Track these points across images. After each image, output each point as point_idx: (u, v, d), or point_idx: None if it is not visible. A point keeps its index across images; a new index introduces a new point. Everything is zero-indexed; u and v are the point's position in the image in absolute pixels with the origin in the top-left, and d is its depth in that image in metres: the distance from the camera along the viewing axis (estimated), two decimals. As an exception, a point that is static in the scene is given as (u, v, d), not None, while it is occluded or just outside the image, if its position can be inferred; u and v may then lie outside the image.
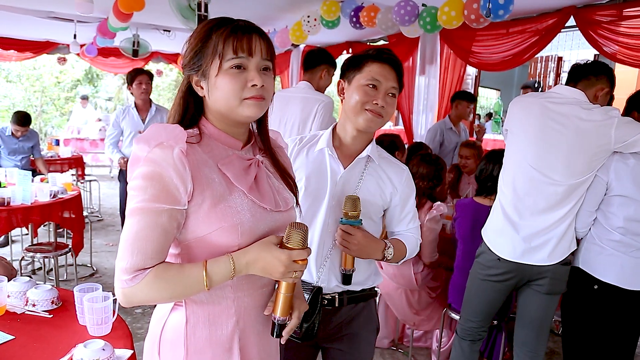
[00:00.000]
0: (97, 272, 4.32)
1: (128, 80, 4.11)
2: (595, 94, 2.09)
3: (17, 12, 5.21)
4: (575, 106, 2.04)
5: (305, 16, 4.44)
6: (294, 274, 1.02)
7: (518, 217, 2.13)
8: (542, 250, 2.09)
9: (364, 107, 1.42)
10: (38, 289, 1.64)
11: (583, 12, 3.54)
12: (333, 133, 1.53)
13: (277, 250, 1.00)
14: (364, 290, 1.55)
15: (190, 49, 1.05)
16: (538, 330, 2.20)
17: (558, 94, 2.12)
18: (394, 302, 2.97)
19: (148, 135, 0.99)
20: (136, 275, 0.95)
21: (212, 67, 1.01)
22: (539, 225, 2.09)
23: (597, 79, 2.09)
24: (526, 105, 2.18)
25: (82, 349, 1.27)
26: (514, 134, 2.19)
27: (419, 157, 2.94)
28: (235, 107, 1.02)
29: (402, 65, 1.51)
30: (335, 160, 1.49)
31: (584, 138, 2.00)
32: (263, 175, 1.11)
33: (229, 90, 1.01)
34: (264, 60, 1.04)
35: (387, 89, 1.43)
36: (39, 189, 3.51)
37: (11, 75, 13.42)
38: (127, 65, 8.42)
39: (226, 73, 1.01)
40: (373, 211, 1.51)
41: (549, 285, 2.13)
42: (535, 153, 2.09)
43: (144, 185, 0.96)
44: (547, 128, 2.06)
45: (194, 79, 1.06)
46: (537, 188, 2.09)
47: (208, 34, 1.02)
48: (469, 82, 6.85)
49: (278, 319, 1.09)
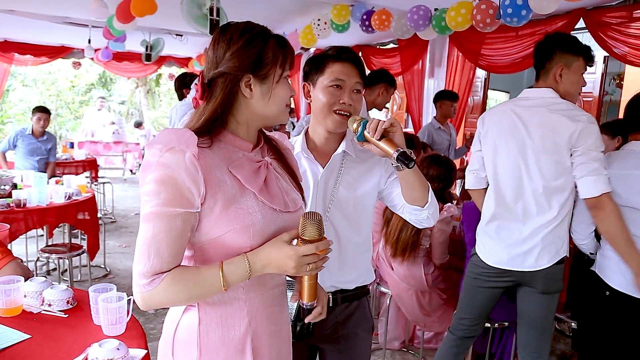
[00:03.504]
0: (110, 273, 4.38)
1: (185, 83, 4.19)
2: (554, 78, 2.04)
3: (33, 18, 5.32)
4: (541, 108, 2.01)
5: (315, 19, 4.46)
6: (308, 267, 1.02)
7: (499, 226, 2.12)
8: (528, 257, 2.05)
9: (332, 108, 1.43)
10: (54, 289, 1.67)
11: (593, 14, 3.52)
12: (307, 137, 1.55)
13: (285, 247, 1.01)
14: (356, 288, 1.56)
15: (244, 50, 1.04)
16: (539, 331, 2.16)
17: (526, 97, 2.10)
18: (404, 303, 2.97)
19: (159, 140, 1.00)
20: (154, 279, 0.97)
21: (274, 74, 1.07)
22: (522, 233, 2.06)
23: (551, 62, 2.04)
24: (495, 113, 2.17)
25: (97, 348, 1.29)
26: (487, 144, 2.17)
27: (429, 158, 2.94)
28: (281, 113, 1.11)
29: (362, 62, 1.52)
30: (312, 162, 1.51)
31: (547, 139, 1.97)
32: (272, 176, 1.12)
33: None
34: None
35: (352, 85, 1.44)
36: (54, 191, 3.58)
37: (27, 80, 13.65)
38: (139, 69, 8.53)
39: (284, 82, 1.10)
40: (360, 201, 1.51)
41: (543, 285, 2.09)
42: (510, 161, 2.07)
43: (157, 189, 0.98)
44: (516, 133, 2.04)
45: (244, 79, 1.06)
46: (515, 196, 2.07)
47: (263, 41, 1.06)
48: (479, 84, 6.82)
49: (305, 304, 1.13)
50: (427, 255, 2.88)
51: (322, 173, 1.49)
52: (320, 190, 1.49)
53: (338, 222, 1.49)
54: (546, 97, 2.03)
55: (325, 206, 1.48)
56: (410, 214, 1.48)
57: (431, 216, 1.46)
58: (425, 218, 1.46)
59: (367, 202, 1.53)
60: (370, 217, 1.58)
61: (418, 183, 1.39)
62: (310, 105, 1.52)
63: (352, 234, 1.52)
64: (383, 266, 2.98)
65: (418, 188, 1.40)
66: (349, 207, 1.50)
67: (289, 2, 4.44)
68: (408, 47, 5.12)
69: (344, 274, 1.53)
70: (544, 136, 1.98)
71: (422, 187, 1.40)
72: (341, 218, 1.50)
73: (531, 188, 2.02)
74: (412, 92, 5.45)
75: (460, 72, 4.91)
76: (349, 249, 1.52)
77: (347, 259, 1.52)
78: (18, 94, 13.40)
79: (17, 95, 13.39)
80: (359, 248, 1.55)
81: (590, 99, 6.33)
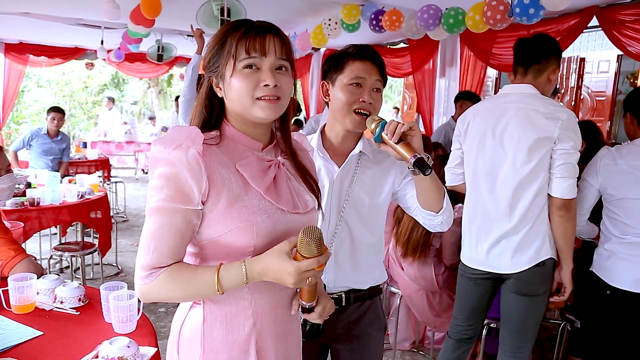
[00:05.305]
0: (122, 271, 4.42)
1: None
2: (548, 77, 2.02)
3: (47, 20, 5.39)
4: (521, 104, 1.97)
5: (325, 19, 4.46)
6: (307, 280, 0.99)
7: (475, 224, 2.10)
8: (503, 258, 2.01)
9: (352, 107, 1.41)
10: (66, 287, 1.68)
11: (606, 12, 3.47)
12: (323, 135, 1.53)
13: (286, 262, 0.97)
14: (370, 288, 1.55)
15: (208, 51, 1.07)
16: (516, 331, 2.09)
17: (507, 94, 2.06)
18: (415, 304, 2.96)
19: (167, 138, 1.01)
20: (151, 273, 0.99)
21: (227, 68, 1.03)
22: (498, 231, 2.02)
23: (548, 62, 2.00)
24: (476, 111, 2.14)
25: (107, 345, 1.29)
26: (468, 142, 2.13)
27: (439, 158, 2.93)
28: (249, 107, 1.03)
29: (383, 60, 1.49)
30: (328, 161, 1.49)
31: (527, 136, 1.92)
32: (283, 176, 1.10)
33: (241, 89, 1.02)
34: (278, 60, 1.03)
35: (372, 84, 1.43)
36: (67, 190, 3.62)
37: (42, 81, 13.84)
38: (152, 70, 8.61)
39: (239, 73, 1.01)
40: (374, 202, 1.50)
41: (515, 285, 2.04)
42: (487, 159, 2.04)
43: (161, 185, 0.99)
44: (496, 130, 2.01)
45: (214, 80, 1.07)
46: (491, 193, 2.04)
47: (224, 36, 1.04)
48: (490, 84, 6.76)
49: (304, 304, 1.11)
50: (438, 255, 2.86)
51: (337, 173, 1.49)
52: (335, 189, 1.48)
53: (352, 222, 1.49)
54: (526, 93, 2.00)
55: (340, 206, 1.48)
56: (423, 218, 1.46)
57: (445, 222, 1.44)
58: (439, 223, 1.44)
59: (381, 203, 1.52)
60: (384, 217, 1.57)
61: (434, 188, 1.36)
62: (328, 104, 1.50)
63: (366, 234, 1.51)
64: (393, 266, 2.97)
65: (433, 194, 1.37)
66: (364, 207, 1.49)
67: (300, 3, 4.44)
68: (418, 46, 5.10)
69: (357, 274, 1.52)
70: (524, 133, 1.94)
71: (438, 192, 1.38)
72: (355, 218, 1.49)
73: (508, 185, 1.99)
74: (423, 92, 5.43)
75: (472, 71, 4.87)
76: (362, 249, 1.51)
77: (361, 259, 1.51)
78: (33, 95, 13.59)
79: (32, 96, 13.58)
80: (373, 248, 1.55)
81: (603, 98, 6.23)
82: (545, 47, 2.02)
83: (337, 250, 1.49)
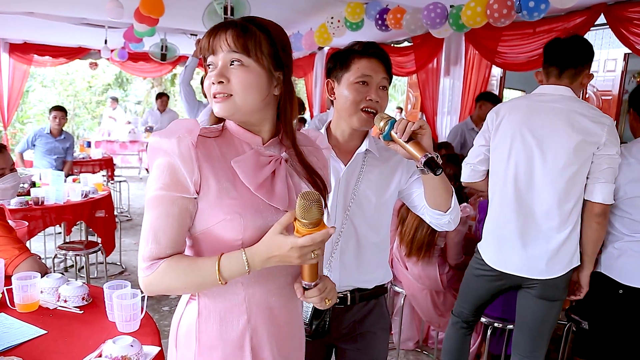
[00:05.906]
0: (126, 270, 4.43)
1: None
2: (581, 82, 1.98)
3: (51, 19, 5.40)
4: (561, 105, 1.93)
5: (329, 18, 4.45)
6: (312, 254, 0.97)
7: (504, 227, 2.03)
8: (538, 264, 1.96)
9: (358, 106, 1.40)
10: (69, 286, 1.68)
11: (614, 9, 3.43)
12: (328, 133, 1.52)
13: (286, 237, 0.95)
14: (375, 287, 1.54)
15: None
16: (531, 335, 2.07)
17: (544, 94, 2.00)
18: (419, 303, 2.95)
19: (165, 129, 1.02)
20: (152, 264, 1.00)
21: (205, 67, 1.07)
22: (531, 236, 1.97)
23: (584, 67, 1.96)
24: (512, 107, 2.06)
25: (111, 344, 1.29)
26: (500, 138, 2.05)
27: (445, 157, 2.91)
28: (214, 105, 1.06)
29: (389, 57, 1.47)
30: (334, 159, 1.48)
31: (569, 138, 1.88)
32: (282, 173, 1.08)
33: (206, 90, 1.06)
34: (230, 53, 1.01)
35: (379, 82, 1.41)
36: (71, 189, 3.63)
37: (46, 81, 13.88)
38: (155, 69, 8.63)
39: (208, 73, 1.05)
40: (380, 200, 1.49)
41: (541, 290, 2.00)
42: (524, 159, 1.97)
43: (158, 174, 1.00)
44: (535, 130, 1.94)
45: None
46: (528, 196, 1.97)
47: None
48: (494, 83, 6.73)
49: (305, 283, 1.07)
50: (442, 255, 2.85)
51: (344, 171, 1.48)
52: (341, 188, 1.47)
53: (358, 221, 1.48)
54: (566, 95, 1.97)
55: (346, 204, 1.47)
56: (431, 217, 1.45)
57: (452, 221, 1.43)
58: (447, 222, 1.43)
59: (387, 201, 1.51)
60: (389, 216, 1.56)
61: (442, 188, 1.35)
62: (333, 103, 1.49)
63: (372, 233, 1.51)
64: (397, 266, 2.96)
65: (442, 193, 1.36)
66: (370, 205, 1.48)
67: (304, 2, 4.43)
68: (422, 45, 5.07)
69: (362, 273, 1.51)
70: (567, 134, 1.90)
71: (446, 192, 1.37)
72: (361, 217, 1.48)
73: (548, 188, 1.94)
74: (427, 91, 5.40)
75: (477, 70, 4.84)
76: (368, 248, 1.50)
77: (366, 258, 1.50)
78: (37, 95, 13.63)
79: (37, 95, 13.61)
80: (378, 247, 1.54)
81: (610, 97, 6.18)
82: (583, 53, 1.97)
83: (342, 249, 1.48)
